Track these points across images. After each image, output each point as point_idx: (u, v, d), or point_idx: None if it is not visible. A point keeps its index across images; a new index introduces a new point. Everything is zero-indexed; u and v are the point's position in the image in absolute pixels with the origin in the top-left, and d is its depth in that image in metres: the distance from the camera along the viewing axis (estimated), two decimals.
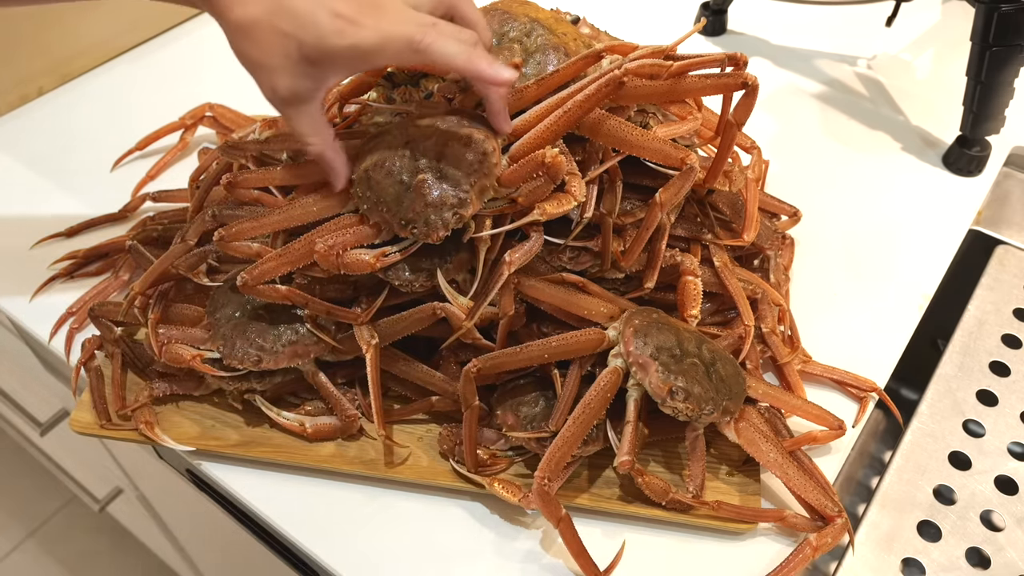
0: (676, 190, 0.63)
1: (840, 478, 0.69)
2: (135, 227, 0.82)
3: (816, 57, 1.12)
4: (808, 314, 0.78)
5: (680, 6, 1.20)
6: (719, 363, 0.64)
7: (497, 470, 0.65)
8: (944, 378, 0.76)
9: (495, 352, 0.64)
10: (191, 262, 0.69)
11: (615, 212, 0.66)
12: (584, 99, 0.59)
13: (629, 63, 0.60)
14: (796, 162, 0.95)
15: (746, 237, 0.72)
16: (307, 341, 0.66)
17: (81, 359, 0.72)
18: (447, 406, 0.68)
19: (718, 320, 0.74)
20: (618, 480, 0.66)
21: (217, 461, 0.68)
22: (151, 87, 1.07)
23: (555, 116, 0.60)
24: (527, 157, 0.59)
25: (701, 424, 0.64)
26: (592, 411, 0.61)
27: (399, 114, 0.66)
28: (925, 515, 0.67)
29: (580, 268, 0.67)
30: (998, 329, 0.80)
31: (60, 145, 0.98)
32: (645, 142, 0.63)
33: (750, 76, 0.62)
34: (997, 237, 0.90)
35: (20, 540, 1.60)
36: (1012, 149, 0.98)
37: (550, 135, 0.60)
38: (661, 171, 0.66)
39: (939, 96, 1.04)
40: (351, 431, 0.68)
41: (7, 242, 0.86)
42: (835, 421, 0.67)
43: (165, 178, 0.92)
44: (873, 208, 0.91)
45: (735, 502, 0.64)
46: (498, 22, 0.67)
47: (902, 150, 0.98)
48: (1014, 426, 0.73)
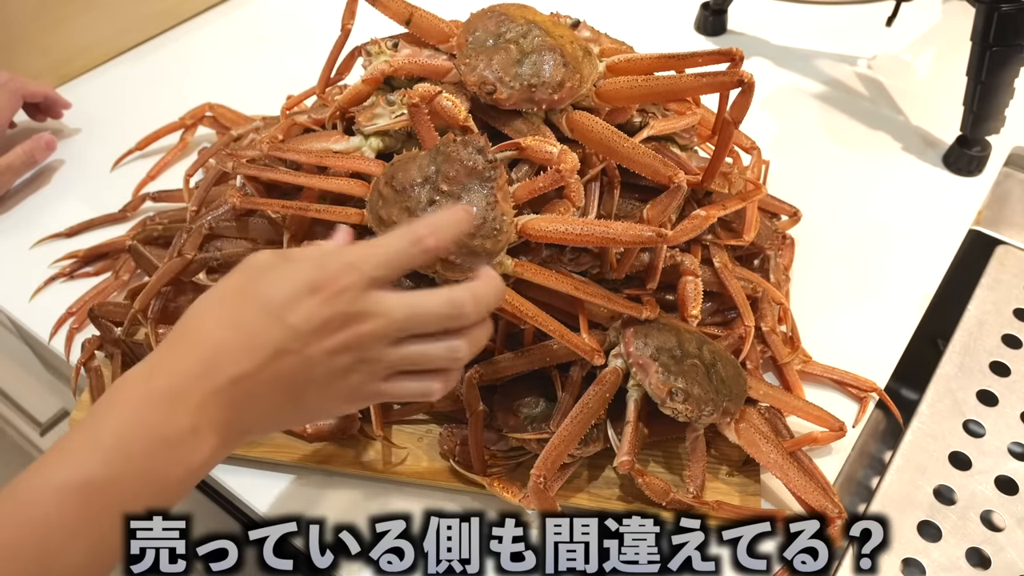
0: (663, 207, 0.63)
1: (840, 478, 0.69)
2: (135, 227, 0.83)
3: (816, 57, 1.12)
4: (808, 314, 0.78)
5: (680, 6, 1.20)
6: (719, 364, 0.64)
7: (499, 472, 0.65)
8: (944, 378, 0.76)
9: (496, 357, 0.64)
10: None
11: (614, 214, 0.66)
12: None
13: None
14: (796, 162, 0.95)
15: (746, 237, 0.72)
16: None
17: (81, 359, 0.72)
18: (447, 406, 0.68)
19: (718, 320, 0.74)
20: (618, 480, 0.66)
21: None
22: (151, 87, 1.07)
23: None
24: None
25: (701, 425, 0.64)
26: (591, 411, 0.61)
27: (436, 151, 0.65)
28: (925, 515, 0.67)
29: (580, 269, 0.67)
30: (998, 329, 0.80)
31: (60, 145, 0.97)
32: (636, 155, 0.63)
33: (746, 73, 0.62)
34: (997, 237, 0.90)
35: None
36: (1012, 149, 0.98)
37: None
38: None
39: (939, 96, 1.04)
40: (351, 431, 0.68)
41: (7, 242, 0.86)
42: (836, 422, 0.66)
43: (165, 178, 0.92)
44: (873, 208, 0.91)
45: (735, 502, 0.64)
46: (495, 24, 0.67)
47: (902, 150, 0.98)
48: (1014, 426, 0.73)
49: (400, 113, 0.66)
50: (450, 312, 0.49)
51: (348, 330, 0.47)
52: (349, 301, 0.47)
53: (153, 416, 0.44)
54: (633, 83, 0.66)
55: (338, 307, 0.46)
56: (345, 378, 0.48)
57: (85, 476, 0.41)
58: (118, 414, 0.44)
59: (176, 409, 0.44)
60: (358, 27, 0.73)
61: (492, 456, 0.66)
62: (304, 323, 0.46)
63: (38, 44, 1.02)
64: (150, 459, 0.43)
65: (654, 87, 0.65)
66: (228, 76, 1.06)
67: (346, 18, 0.73)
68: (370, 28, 0.73)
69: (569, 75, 0.63)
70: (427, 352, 0.49)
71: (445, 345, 0.50)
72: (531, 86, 0.63)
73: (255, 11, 1.20)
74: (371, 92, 0.69)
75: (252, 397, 0.46)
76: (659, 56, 0.67)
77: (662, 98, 0.70)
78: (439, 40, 0.70)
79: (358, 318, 0.47)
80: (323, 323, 0.46)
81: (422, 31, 0.70)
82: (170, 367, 0.46)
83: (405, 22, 0.69)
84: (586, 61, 0.65)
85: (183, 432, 0.44)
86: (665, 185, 0.63)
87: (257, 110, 0.92)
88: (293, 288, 0.47)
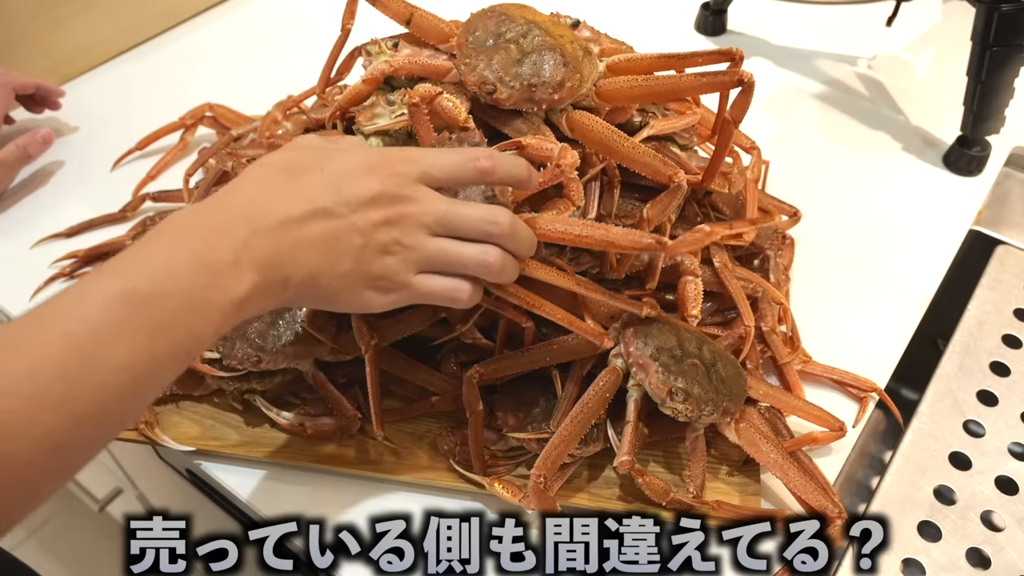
0: (663, 206, 0.63)
1: (840, 478, 0.69)
2: (135, 227, 0.83)
3: (816, 57, 1.12)
4: (808, 314, 0.78)
5: (680, 6, 1.20)
6: (720, 364, 0.64)
7: (499, 472, 0.65)
8: (944, 378, 0.76)
9: (496, 357, 0.64)
10: None
11: (614, 213, 0.66)
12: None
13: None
14: (796, 162, 0.95)
15: (746, 237, 0.72)
16: (306, 341, 0.66)
17: None
18: (447, 406, 0.68)
19: (718, 320, 0.74)
20: (618, 480, 0.66)
21: (217, 461, 0.68)
22: (151, 87, 1.07)
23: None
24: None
25: (701, 425, 0.64)
26: (590, 410, 0.61)
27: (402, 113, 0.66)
28: (925, 515, 0.67)
29: (580, 269, 0.67)
30: (998, 329, 0.80)
31: (60, 145, 0.97)
32: (636, 155, 0.63)
33: (745, 73, 0.62)
34: (997, 237, 0.90)
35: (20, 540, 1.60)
36: (1012, 149, 0.98)
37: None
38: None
39: (939, 96, 1.04)
40: (351, 431, 0.68)
41: (7, 242, 0.86)
42: (836, 422, 0.66)
43: (165, 178, 0.92)
44: (873, 208, 0.91)
45: (735, 502, 0.64)
46: (495, 23, 0.67)
47: (902, 150, 0.98)
48: (1014, 426, 0.73)
49: (400, 113, 0.66)
50: (488, 217, 0.53)
51: (394, 208, 0.51)
52: (400, 184, 0.52)
53: (198, 243, 0.46)
54: (633, 83, 0.66)
55: (389, 186, 0.51)
56: (380, 257, 0.51)
57: (130, 285, 0.44)
58: (166, 240, 0.47)
59: (221, 241, 0.46)
60: (358, 27, 0.73)
61: (492, 456, 0.66)
62: (356, 193, 0.50)
63: (38, 44, 1.02)
64: (193, 280, 0.45)
65: (654, 87, 0.65)
66: (228, 76, 1.06)
67: (346, 18, 0.73)
68: (370, 28, 0.73)
69: (569, 75, 0.63)
70: (461, 250, 0.53)
71: (479, 248, 0.53)
72: (531, 86, 0.63)
73: (255, 11, 1.20)
74: (371, 92, 0.69)
75: (294, 245, 0.49)
76: (659, 56, 0.67)
77: (662, 98, 0.70)
78: (439, 40, 0.70)
79: (405, 200, 0.52)
80: (373, 197, 0.51)
81: (422, 31, 0.70)
82: (220, 205, 0.49)
83: (405, 22, 0.69)
84: (586, 61, 0.65)
85: (225, 262, 0.46)
86: (665, 184, 0.63)
87: (257, 110, 0.92)
88: (352, 164, 0.52)
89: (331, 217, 0.50)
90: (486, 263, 0.54)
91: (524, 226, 0.55)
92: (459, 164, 0.54)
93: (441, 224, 0.53)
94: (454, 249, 0.53)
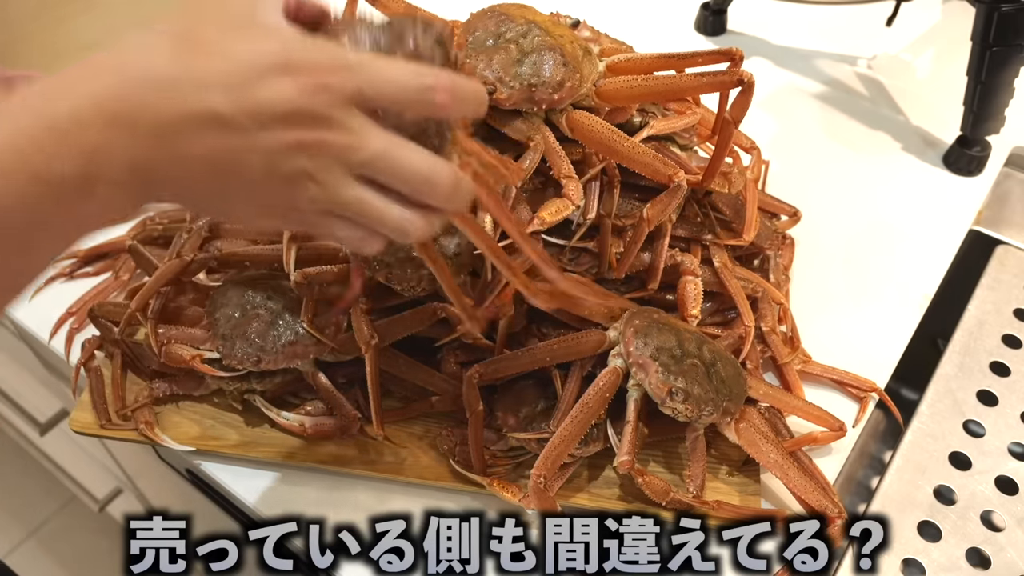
0: (663, 206, 0.63)
1: (840, 478, 0.69)
2: (135, 227, 0.82)
3: (816, 57, 1.12)
4: (808, 314, 0.78)
5: (680, 6, 1.20)
6: (719, 364, 0.64)
7: (499, 472, 0.65)
8: (944, 378, 0.76)
9: (496, 357, 0.64)
10: (192, 270, 0.69)
11: (613, 213, 0.66)
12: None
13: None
14: (796, 162, 0.95)
15: (746, 237, 0.72)
16: (306, 341, 0.66)
17: (81, 359, 0.72)
18: (447, 406, 0.68)
19: (718, 320, 0.74)
20: (618, 480, 0.66)
21: (217, 461, 0.68)
22: None
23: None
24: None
25: (701, 425, 0.64)
26: (590, 410, 0.61)
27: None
28: (925, 515, 0.67)
29: (580, 269, 0.67)
30: (998, 329, 0.80)
31: None
32: (636, 155, 0.63)
33: (745, 73, 0.62)
34: (997, 237, 0.90)
35: (20, 540, 1.60)
36: (1012, 149, 0.98)
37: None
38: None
39: (939, 96, 1.04)
40: (351, 431, 0.68)
41: None
42: (836, 422, 0.66)
43: None
44: (873, 208, 0.91)
45: (735, 502, 0.64)
46: (495, 23, 0.67)
47: (902, 150, 0.98)
48: (1014, 426, 0.73)
49: None
50: (427, 173, 0.42)
51: (314, 132, 0.39)
52: (327, 103, 0.39)
53: (36, 153, 0.36)
54: (633, 83, 0.66)
55: (313, 103, 0.39)
56: (284, 187, 0.40)
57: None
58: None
59: (68, 146, 0.37)
60: None
61: (492, 456, 0.66)
62: (264, 100, 0.38)
63: (38, 43, 1.02)
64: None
65: (654, 87, 0.65)
66: None
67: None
68: None
69: (569, 75, 0.63)
70: (382, 209, 0.42)
71: (401, 214, 0.43)
72: (531, 86, 0.63)
73: None
74: None
75: (172, 161, 0.39)
76: (659, 56, 0.67)
77: (662, 98, 0.70)
78: None
79: (330, 124, 0.39)
80: (288, 113, 0.38)
81: None
82: (79, 84, 0.38)
83: None
84: (586, 61, 0.65)
85: (71, 176, 0.37)
86: (665, 184, 0.63)
87: None
88: (265, 53, 0.39)
89: (226, 130, 0.38)
90: (403, 232, 0.43)
91: (466, 186, 0.44)
92: (408, 88, 0.41)
93: (367, 166, 0.41)
94: (375, 208, 0.42)
